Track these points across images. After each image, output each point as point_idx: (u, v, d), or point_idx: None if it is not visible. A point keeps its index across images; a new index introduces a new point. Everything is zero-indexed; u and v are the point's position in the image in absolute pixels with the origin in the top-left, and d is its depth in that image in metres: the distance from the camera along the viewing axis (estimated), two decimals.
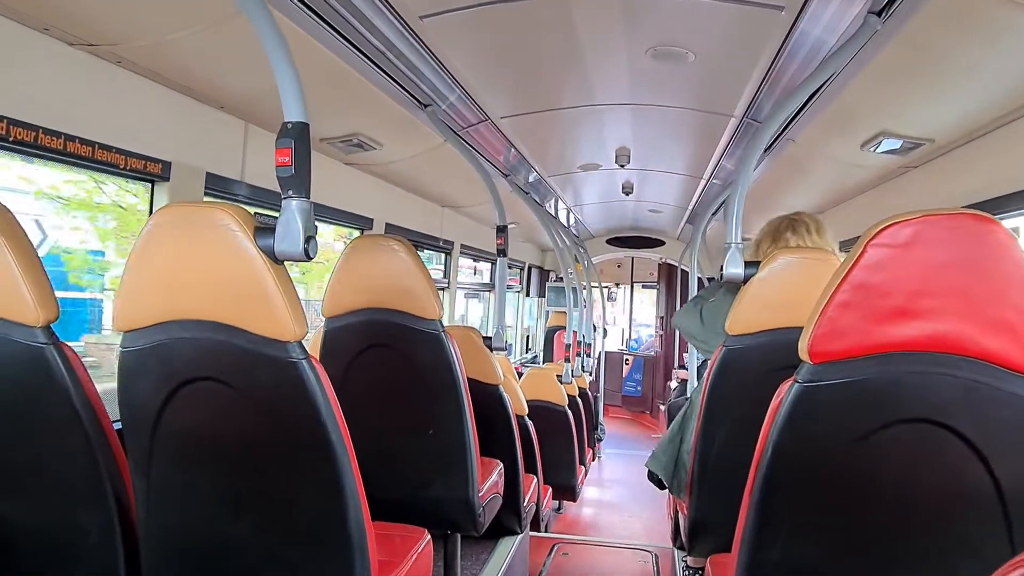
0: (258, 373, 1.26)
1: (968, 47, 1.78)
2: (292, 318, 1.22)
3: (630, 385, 10.19)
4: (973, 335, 1.03)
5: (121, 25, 1.79)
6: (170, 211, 1.28)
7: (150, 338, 1.30)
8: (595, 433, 6.73)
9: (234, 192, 2.54)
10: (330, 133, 2.87)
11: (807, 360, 1.11)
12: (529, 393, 4.12)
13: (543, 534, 4.01)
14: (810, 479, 1.13)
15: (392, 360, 2.06)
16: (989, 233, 1.02)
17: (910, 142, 2.59)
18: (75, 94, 1.90)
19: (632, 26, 2.21)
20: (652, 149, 4.03)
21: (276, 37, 1.24)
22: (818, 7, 1.88)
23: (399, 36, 2.11)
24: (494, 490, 2.37)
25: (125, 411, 1.35)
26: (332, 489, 1.29)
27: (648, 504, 5.52)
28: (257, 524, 1.36)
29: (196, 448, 1.36)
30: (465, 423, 2.07)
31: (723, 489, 1.66)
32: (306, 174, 1.22)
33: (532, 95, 2.98)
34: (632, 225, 7.61)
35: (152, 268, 1.29)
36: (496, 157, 3.82)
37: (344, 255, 2.05)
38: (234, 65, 2.07)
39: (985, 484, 1.04)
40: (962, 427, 1.04)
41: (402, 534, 1.76)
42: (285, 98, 1.23)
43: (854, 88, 2.19)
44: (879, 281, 1.05)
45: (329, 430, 1.25)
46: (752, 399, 1.37)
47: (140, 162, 2.09)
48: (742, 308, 1.76)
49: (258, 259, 1.21)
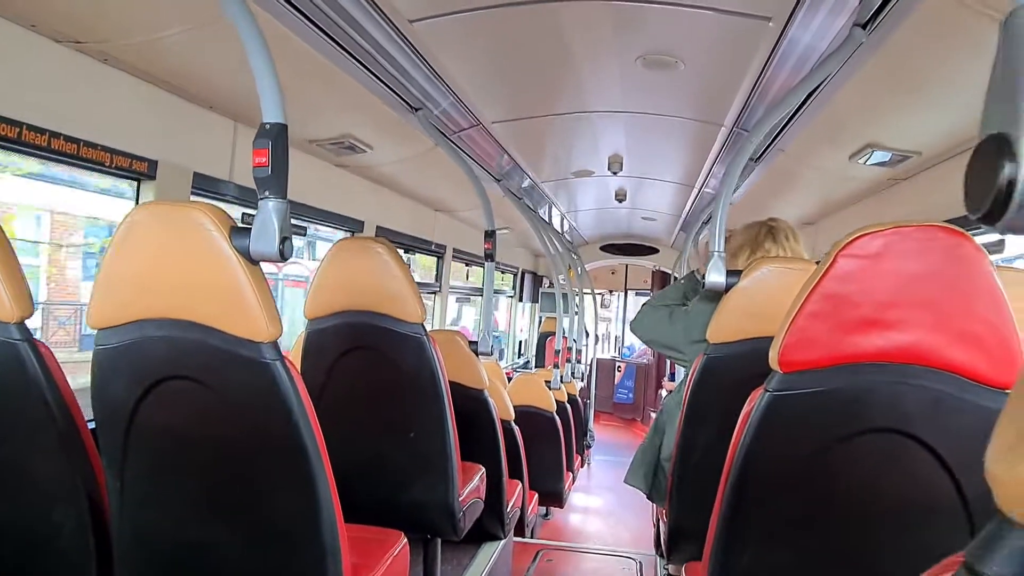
0: (231, 373, 1.26)
1: (952, 60, 1.80)
2: (266, 319, 1.22)
3: (622, 392, 10.18)
4: (941, 347, 1.03)
5: (109, 23, 1.79)
6: (147, 209, 1.28)
7: (124, 336, 1.30)
8: (584, 439, 6.72)
9: (222, 192, 2.54)
10: (320, 135, 2.87)
11: (777, 369, 1.11)
12: (517, 398, 4.12)
13: (528, 540, 4.00)
14: (779, 487, 1.14)
15: (374, 363, 2.06)
16: (959, 246, 1.02)
17: (898, 154, 2.61)
18: (61, 91, 1.90)
19: (622, 34, 2.22)
20: (645, 157, 4.03)
21: (256, 37, 1.25)
22: (805, 19, 1.89)
23: (389, 39, 2.11)
24: (475, 494, 2.36)
25: (99, 409, 1.35)
26: (304, 490, 1.28)
27: (636, 512, 5.51)
28: (229, 524, 1.36)
29: (170, 447, 1.36)
30: (446, 427, 2.07)
31: (701, 497, 1.66)
32: (283, 175, 1.22)
33: (524, 100, 2.99)
34: (626, 232, 7.62)
35: (128, 266, 1.29)
36: (488, 162, 3.82)
37: (327, 257, 2.05)
38: (223, 65, 2.07)
39: (950, 494, 1.04)
40: (929, 438, 1.05)
41: (378, 536, 1.75)
42: (264, 99, 1.23)
43: (842, 100, 2.20)
44: (849, 292, 1.06)
45: (302, 431, 1.25)
46: (732, 407, 1.37)
47: (126, 160, 2.08)
48: (724, 316, 1.76)
49: (233, 259, 1.21)
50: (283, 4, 1.77)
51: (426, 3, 1.95)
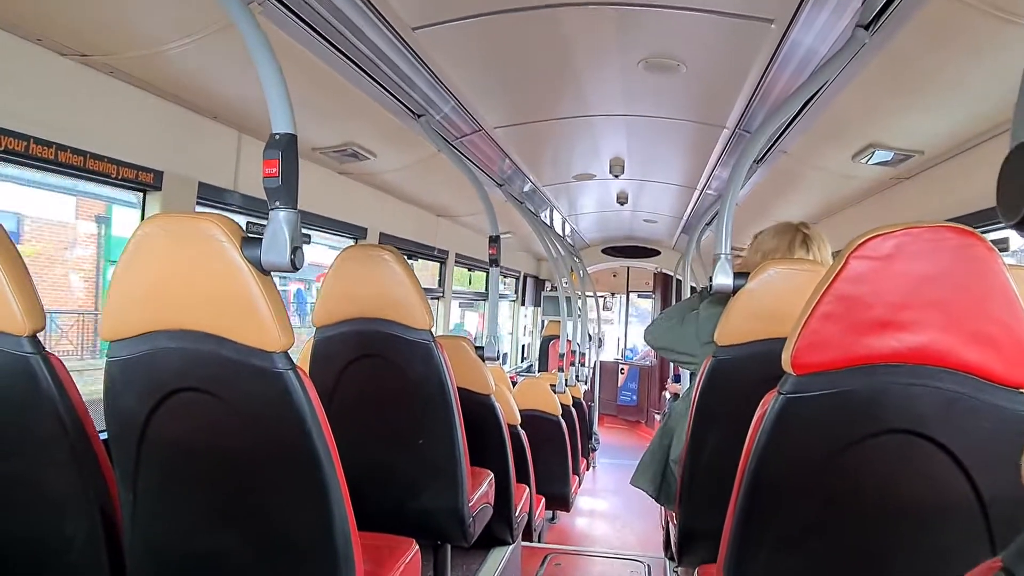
0: (244, 383, 1.26)
1: (955, 61, 1.80)
2: (278, 328, 1.22)
3: (625, 395, 10.17)
4: (955, 347, 1.03)
5: (114, 36, 1.80)
6: (158, 221, 1.28)
7: (136, 348, 1.30)
8: (589, 443, 6.71)
9: (227, 201, 2.54)
10: (324, 143, 2.88)
11: (790, 371, 1.11)
12: (522, 403, 4.11)
13: (535, 544, 4.00)
14: (793, 489, 1.14)
15: (382, 370, 2.06)
16: (970, 246, 1.03)
17: (900, 154, 2.61)
18: (67, 104, 1.90)
19: (624, 37, 2.22)
20: (646, 159, 4.04)
21: (264, 48, 1.25)
22: (807, 20, 1.89)
23: (391, 47, 2.12)
24: (484, 500, 2.36)
25: (111, 421, 1.35)
26: (318, 499, 1.28)
27: (643, 514, 5.50)
28: (242, 535, 1.35)
29: (182, 459, 1.36)
30: (455, 433, 2.07)
31: (711, 499, 1.66)
32: (293, 185, 1.23)
33: (526, 105, 2.99)
34: (627, 235, 7.62)
35: (139, 278, 1.29)
36: (490, 167, 3.83)
37: (334, 265, 2.05)
38: (227, 75, 2.08)
39: (967, 495, 1.04)
40: (944, 439, 1.04)
41: (390, 544, 1.75)
42: (273, 109, 1.24)
43: (844, 100, 2.21)
44: (861, 293, 1.06)
45: (315, 440, 1.25)
46: (741, 409, 1.37)
47: (132, 172, 2.09)
48: (731, 319, 1.76)
49: (244, 269, 1.21)
50: (286, 13, 1.77)
51: (428, 10, 1.96)
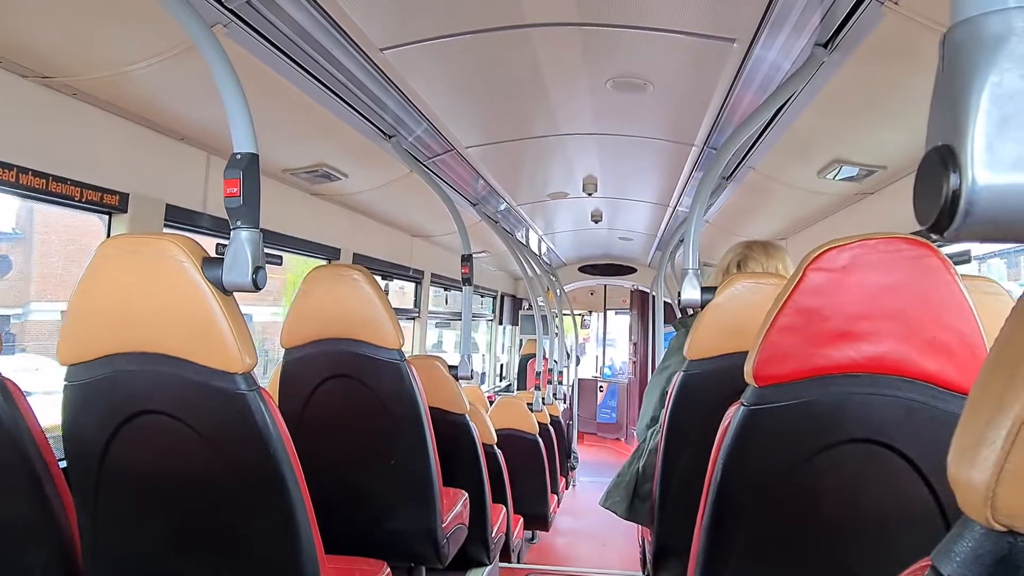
0: (206, 406, 1.24)
1: (911, 77, 1.84)
2: (240, 349, 1.21)
3: (605, 412, 10.17)
4: (911, 356, 1.05)
5: (77, 57, 1.78)
6: (117, 242, 1.27)
7: (96, 372, 1.28)
8: (568, 461, 6.68)
9: (196, 223, 2.51)
10: (295, 164, 2.87)
11: (752, 383, 1.12)
12: (498, 422, 4.09)
13: (514, 565, 3.95)
14: (758, 500, 1.14)
15: (353, 390, 2.04)
16: (923, 257, 1.05)
17: (864, 169, 2.66)
18: (28, 126, 1.87)
19: (592, 57, 2.25)
20: (619, 178, 4.08)
21: (226, 68, 1.25)
22: (768, 39, 1.94)
23: (360, 68, 2.12)
24: (459, 520, 2.34)
25: (70, 447, 1.32)
26: (284, 523, 1.26)
27: (623, 532, 5.45)
28: (207, 560, 1.33)
29: (144, 483, 1.33)
30: (427, 453, 2.05)
31: (685, 515, 1.66)
32: (255, 205, 1.22)
33: (497, 125, 3.01)
34: (604, 253, 7.67)
35: (98, 300, 1.27)
36: (464, 187, 3.84)
37: (303, 285, 2.04)
38: (194, 96, 2.06)
39: (928, 503, 1.05)
40: (904, 447, 1.06)
41: (361, 568, 1.73)
42: (234, 129, 1.24)
43: (808, 117, 2.25)
44: (819, 305, 1.07)
45: (280, 462, 1.23)
46: (711, 423, 1.37)
47: (96, 194, 2.06)
48: (700, 332, 1.77)
49: (206, 290, 1.20)
50: (253, 35, 1.77)
51: (395, 32, 1.97)
